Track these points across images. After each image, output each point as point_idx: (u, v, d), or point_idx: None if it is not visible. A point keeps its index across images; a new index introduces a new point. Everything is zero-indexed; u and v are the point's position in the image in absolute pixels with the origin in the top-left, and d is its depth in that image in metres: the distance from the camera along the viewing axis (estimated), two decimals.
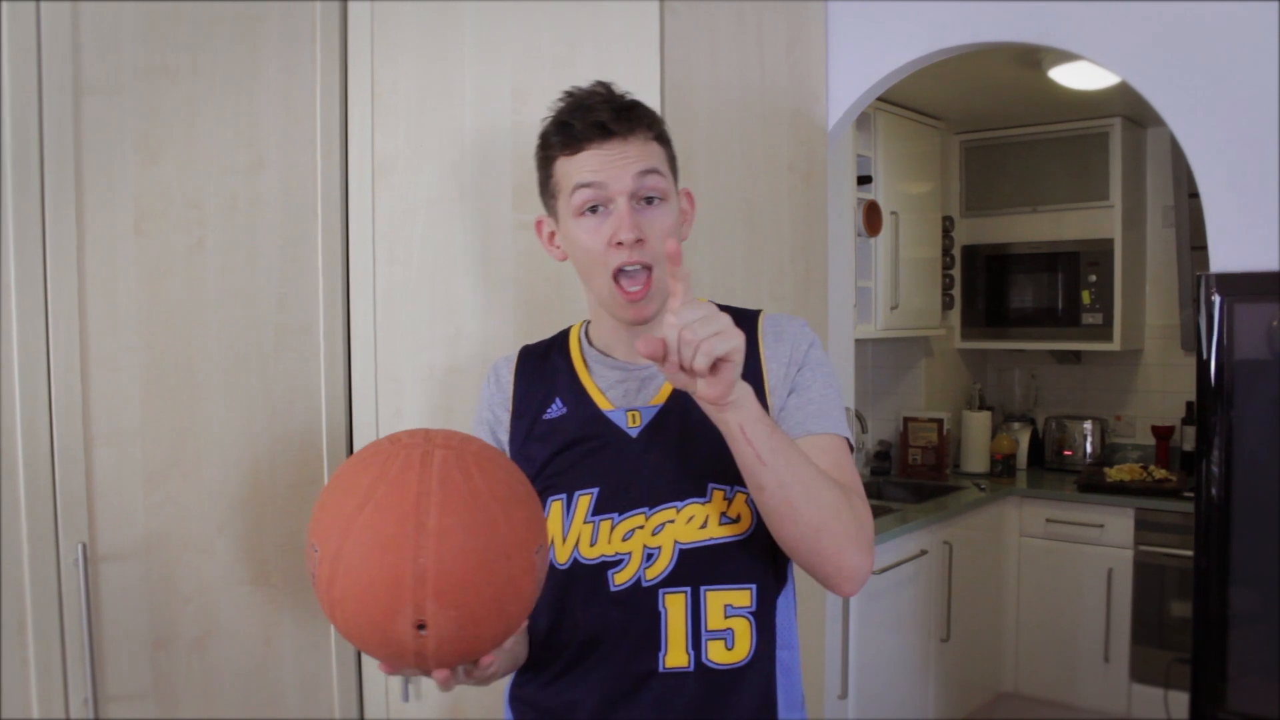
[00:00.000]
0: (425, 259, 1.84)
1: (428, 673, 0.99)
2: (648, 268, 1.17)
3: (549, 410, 1.26)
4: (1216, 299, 1.92)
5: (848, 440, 1.22)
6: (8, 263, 1.43)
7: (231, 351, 1.69)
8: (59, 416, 1.47)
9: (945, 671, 3.38)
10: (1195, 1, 1.95)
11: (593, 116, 1.16)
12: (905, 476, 3.95)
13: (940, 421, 3.91)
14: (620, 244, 1.15)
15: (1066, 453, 4.07)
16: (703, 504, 1.18)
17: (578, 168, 1.17)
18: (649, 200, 1.18)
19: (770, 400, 1.21)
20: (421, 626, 0.92)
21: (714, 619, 1.17)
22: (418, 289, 1.84)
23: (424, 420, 1.82)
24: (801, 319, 1.28)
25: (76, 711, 1.48)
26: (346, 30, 1.84)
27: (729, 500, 1.18)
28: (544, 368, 1.30)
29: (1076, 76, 3.20)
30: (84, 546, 1.48)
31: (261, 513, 1.72)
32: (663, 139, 1.23)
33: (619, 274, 1.17)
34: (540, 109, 1.25)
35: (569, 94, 1.21)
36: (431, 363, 1.83)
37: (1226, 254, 1.95)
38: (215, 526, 1.66)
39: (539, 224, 1.28)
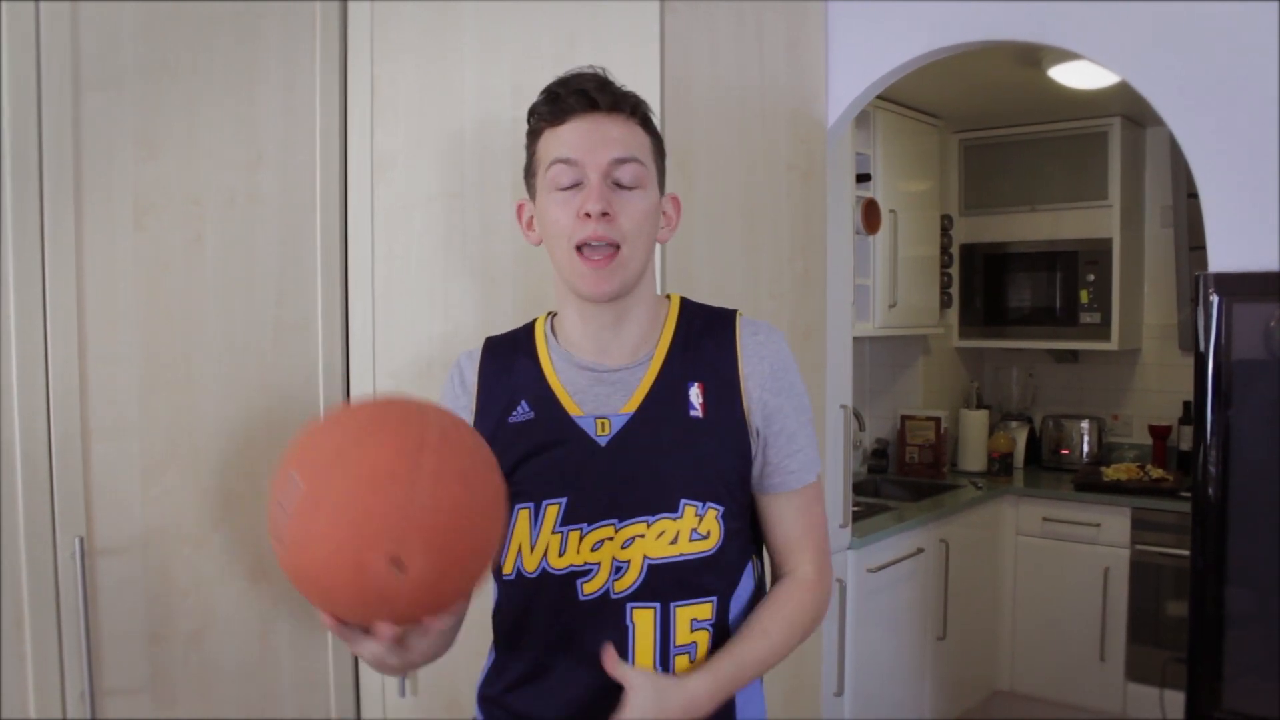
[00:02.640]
0: (424, 255, 1.84)
1: (377, 621, 0.96)
2: (614, 245, 1.16)
3: (515, 413, 1.22)
4: (1215, 299, 1.92)
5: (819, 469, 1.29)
6: (7, 257, 1.43)
7: (230, 346, 1.69)
8: (57, 410, 1.48)
9: (941, 670, 3.38)
10: (1195, 1, 1.95)
11: (578, 85, 1.17)
12: (902, 474, 3.95)
13: (938, 420, 3.92)
14: (588, 215, 1.14)
15: (1064, 452, 4.08)
16: (674, 519, 1.16)
17: (558, 141, 1.17)
18: (626, 186, 1.17)
19: (749, 415, 1.21)
20: (399, 566, 0.90)
21: (681, 634, 1.17)
22: (416, 285, 1.84)
23: None
24: (780, 332, 1.27)
25: (73, 706, 1.48)
26: (346, 28, 1.84)
27: (700, 517, 1.17)
28: (510, 365, 1.26)
29: (1076, 75, 3.19)
30: (81, 541, 1.48)
31: (259, 508, 1.71)
32: (648, 125, 1.22)
33: (583, 247, 1.16)
34: None
35: (560, 75, 1.22)
36: (429, 358, 1.83)
37: (1225, 254, 1.95)
38: (212, 521, 1.66)
39: (520, 207, 1.27)
